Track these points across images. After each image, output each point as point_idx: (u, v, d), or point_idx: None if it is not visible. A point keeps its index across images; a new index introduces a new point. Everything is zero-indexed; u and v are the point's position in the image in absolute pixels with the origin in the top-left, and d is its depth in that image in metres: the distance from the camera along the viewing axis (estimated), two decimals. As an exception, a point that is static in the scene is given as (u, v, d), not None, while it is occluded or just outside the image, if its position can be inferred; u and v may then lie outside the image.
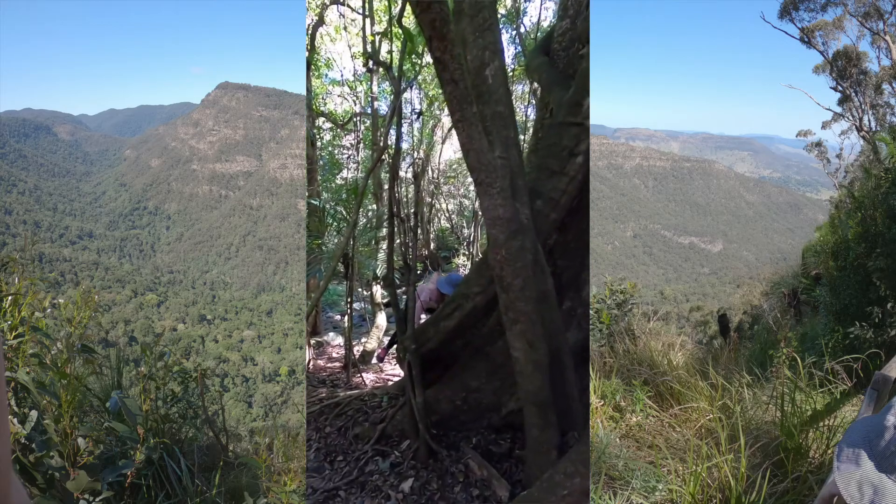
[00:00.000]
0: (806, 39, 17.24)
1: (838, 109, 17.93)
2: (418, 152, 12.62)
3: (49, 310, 2.42)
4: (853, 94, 17.15)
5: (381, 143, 3.49)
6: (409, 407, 3.25)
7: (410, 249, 4.00)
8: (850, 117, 17.54)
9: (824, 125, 19.13)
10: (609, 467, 2.79)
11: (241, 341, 67.48)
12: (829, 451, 2.65)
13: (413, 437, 3.27)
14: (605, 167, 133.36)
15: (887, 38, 16.01)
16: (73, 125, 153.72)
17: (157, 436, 2.52)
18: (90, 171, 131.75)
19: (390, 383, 5.07)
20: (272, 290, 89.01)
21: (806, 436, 2.74)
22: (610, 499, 2.53)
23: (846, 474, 0.94)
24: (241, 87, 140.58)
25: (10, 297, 2.22)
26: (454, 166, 16.30)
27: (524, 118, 10.43)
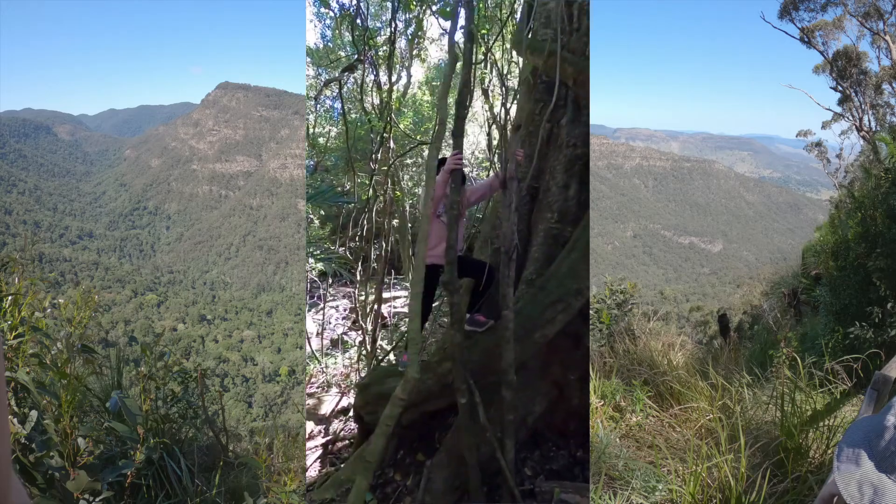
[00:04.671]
0: (806, 39, 17.23)
1: (838, 109, 17.92)
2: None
3: (49, 310, 2.42)
4: (853, 94, 17.14)
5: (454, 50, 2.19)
6: (455, 470, 2.50)
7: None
8: (850, 117, 17.53)
9: (824, 125, 19.12)
10: (609, 467, 2.79)
11: (241, 341, 67.45)
12: (829, 451, 2.64)
13: None
14: (605, 167, 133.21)
15: (887, 38, 16.00)
16: (73, 125, 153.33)
17: (157, 436, 2.52)
18: (90, 171, 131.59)
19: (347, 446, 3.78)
20: (272, 290, 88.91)
21: (806, 436, 2.74)
22: (610, 499, 2.53)
23: (846, 474, 0.94)
24: (241, 87, 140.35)
25: (10, 297, 2.22)
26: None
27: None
